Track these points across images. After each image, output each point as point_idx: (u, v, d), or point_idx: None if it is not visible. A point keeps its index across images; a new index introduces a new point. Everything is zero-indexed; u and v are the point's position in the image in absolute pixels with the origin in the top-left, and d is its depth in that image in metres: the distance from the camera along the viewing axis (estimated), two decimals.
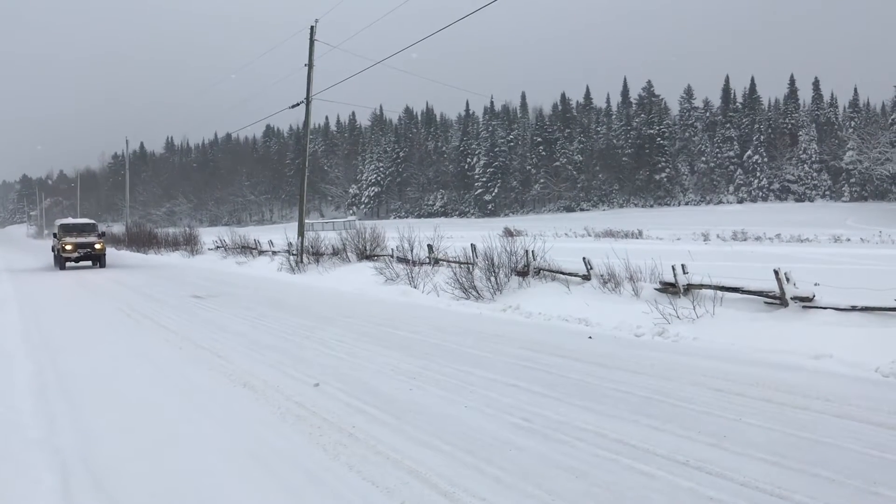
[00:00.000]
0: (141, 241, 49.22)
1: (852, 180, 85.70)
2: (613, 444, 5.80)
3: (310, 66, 27.06)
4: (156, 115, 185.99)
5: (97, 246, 31.59)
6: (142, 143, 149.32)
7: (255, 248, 32.92)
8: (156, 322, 13.37)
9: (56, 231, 32.78)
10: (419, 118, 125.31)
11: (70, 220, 34.24)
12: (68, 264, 31.40)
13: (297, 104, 28.19)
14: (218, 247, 37.79)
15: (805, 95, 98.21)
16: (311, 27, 27.23)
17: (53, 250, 33.75)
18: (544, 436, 6.08)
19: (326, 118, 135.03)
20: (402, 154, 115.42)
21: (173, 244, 43.75)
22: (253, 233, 43.44)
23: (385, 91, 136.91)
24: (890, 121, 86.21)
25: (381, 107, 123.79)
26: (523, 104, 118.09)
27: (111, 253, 45.02)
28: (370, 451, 5.76)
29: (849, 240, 39.64)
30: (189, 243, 41.47)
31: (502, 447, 5.81)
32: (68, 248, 30.61)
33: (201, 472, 5.43)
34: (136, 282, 22.86)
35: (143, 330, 12.48)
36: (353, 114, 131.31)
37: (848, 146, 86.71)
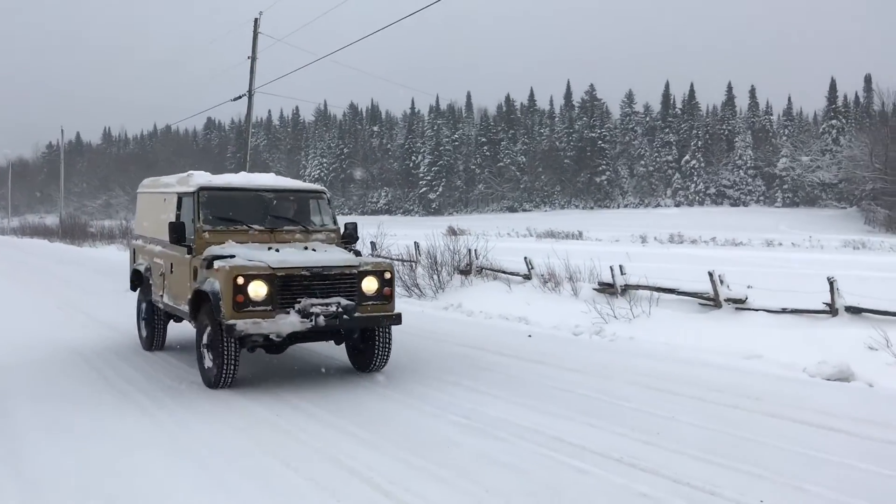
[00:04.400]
0: (75, 233, 47.91)
1: (785, 186, 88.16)
2: (551, 441, 5.88)
3: (253, 58, 26.69)
4: (93, 104, 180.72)
5: (368, 284, 7.79)
6: (78, 133, 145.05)
7: None
8: (90, 316, 12.99)
9: (174, 217, 8.55)
10: (364, 114, 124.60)
11: (232, 180, 8.92)
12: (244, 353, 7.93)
13: (240, 97, 27.77)
14: None
15: (742, 103, 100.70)
16: (255, 19, 26.87)
17: (144, 293, 9.84)
18: (484, 433, 6.13)
19: (269, 112, 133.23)
20: (346, 150, 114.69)
21: (109, 237, 42.69)
22: None
23: (329, 86, 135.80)
24: (821, 130, 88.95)
25: (325, 102, 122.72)
26: (468, 104, 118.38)
27: (45, 248, 43.11)
28: (310, 450, 5.72)
29: (781, 244, 40.80)
30: (126, 236, 40.53)
31: (443, 445, 5.84)
32: (255, 291, 7.17)
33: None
34: (70, 275, 22.19)
35: (74, 324, 12.13)
36: (297, 108, 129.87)
37: (781, 153, 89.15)
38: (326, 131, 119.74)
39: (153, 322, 9.67)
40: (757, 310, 11.03)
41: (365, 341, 8.33)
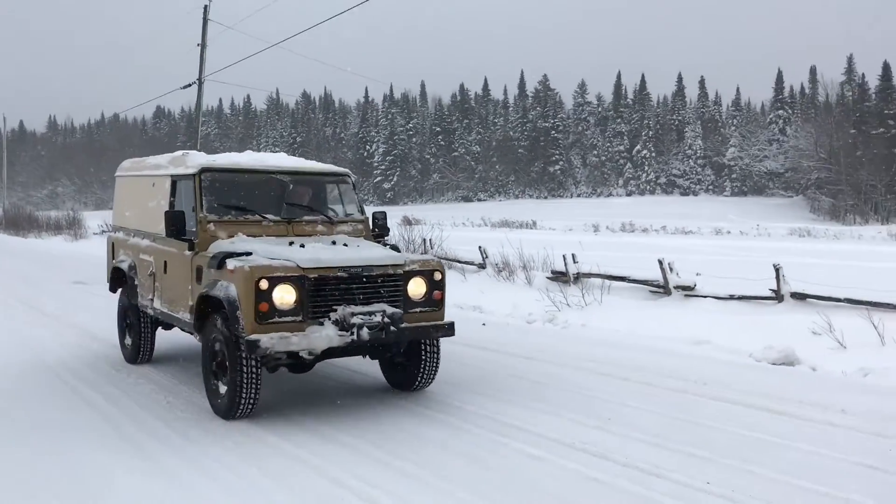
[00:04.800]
0: (20, 223, 46.76)
1: (733, 176, 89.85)
2: (506, 429, 5.94)
3: (202, 46, 26.31)
4: (37, 92, 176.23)
5: (416, 287, 6.58)
6: (21, 122, 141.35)
7: None
8: (48, 315, 12.45)
9: (168, 205, 7.28)
10: (317, 103, 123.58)
11: (239, 160, 7.44)
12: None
13: (189, 85, 27.36)
14: (104, 231, 36.33)
15: (692, 93, 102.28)
16: (205, 6, 26.47)
17: (127, 295, 8.28)
18: (442, 423, 6.16)
19: (220, 100, 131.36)
20: (299, 139, 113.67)
21: (55, 228, 41.75)
22: None
23: (281, 75, 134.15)
24: (768, 120, 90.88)
25: (277, 90, 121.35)
26: (423, 93, 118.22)
27: None
28: (268, 448, 5.67)
29: (729, 232, 41.62)
30: (72, 227, 39.70)
31: (403, 437, 5.86)
32: (282, 298, 5.90)
33: None
34: (14, 264, 21.60)
35: (28, 324, 11.83)
36: (248, 97, 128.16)
37: (730, 143, 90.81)
38: (279, 120, 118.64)
39: (139, 330, 8.15)
40: (705, 296, 11.27)
41: (408, 355, 6.99)
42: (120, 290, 8.62)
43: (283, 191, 7.34)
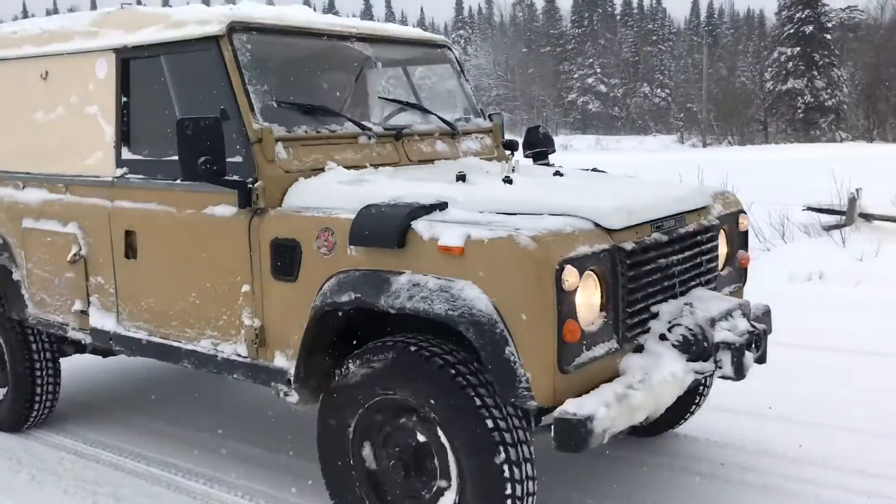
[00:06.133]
0: None
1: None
2: None
3: None
4: None
5: (721, 249, 3.52)
6: None
7: None
8: None
9: (117, 112, 3.62)
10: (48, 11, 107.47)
11: (283, 13, 3.57)
12: None
13: None
14: None
15: (379, 13, 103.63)
16: None
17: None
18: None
19: None
20: None
21: None
22: None
23: None
24: (451, 40, 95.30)
25: None
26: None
27: None
28: None
29: None
30: None
31: None
32: (588, 303, 2.66)
33: None
34: None
35: None
36: None
37: None
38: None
39: (31, 367, 4.33)
40: None
41: None
42: None
43: (376, 75, 4.28)
